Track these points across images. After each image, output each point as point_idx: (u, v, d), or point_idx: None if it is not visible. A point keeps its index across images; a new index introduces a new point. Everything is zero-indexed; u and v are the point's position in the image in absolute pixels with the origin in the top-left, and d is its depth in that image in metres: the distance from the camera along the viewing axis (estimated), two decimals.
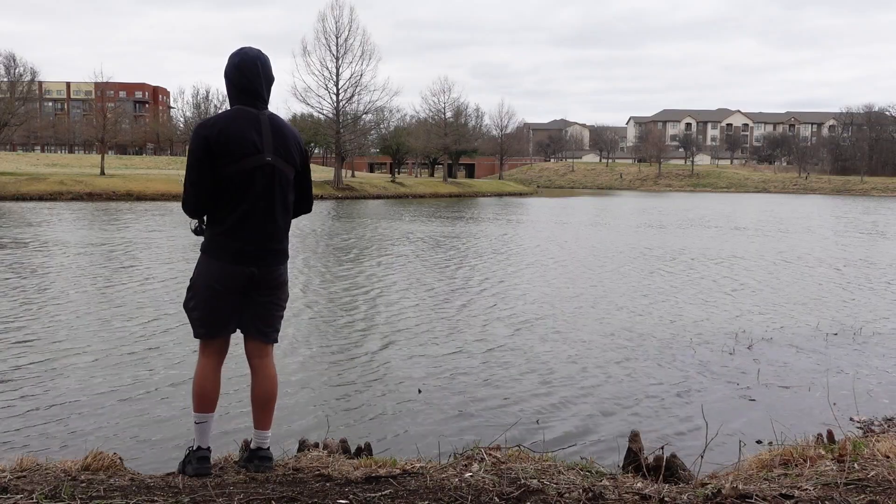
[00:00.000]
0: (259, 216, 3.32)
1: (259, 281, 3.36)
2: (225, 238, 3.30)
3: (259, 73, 3.35)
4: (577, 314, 11.53)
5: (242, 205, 3.28)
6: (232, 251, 3.30)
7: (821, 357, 9.00)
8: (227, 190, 3.27)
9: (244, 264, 3.31)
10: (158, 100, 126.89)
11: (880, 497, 2.90)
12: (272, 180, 3.33)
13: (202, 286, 3.35)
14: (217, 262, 3.32)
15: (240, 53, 3.38)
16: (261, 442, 3.51)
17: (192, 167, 3.28)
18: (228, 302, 3.35)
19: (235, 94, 3.38)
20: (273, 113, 3.43)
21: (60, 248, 18.98)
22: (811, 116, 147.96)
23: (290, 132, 3.45)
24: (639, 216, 39.16)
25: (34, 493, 2.92)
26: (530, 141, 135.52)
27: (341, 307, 11.89)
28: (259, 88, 3.36)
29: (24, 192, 42.77)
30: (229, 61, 3.37)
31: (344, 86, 57.97)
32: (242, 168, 3.26)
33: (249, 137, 3.28)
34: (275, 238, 3.38)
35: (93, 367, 7.95)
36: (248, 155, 3.27)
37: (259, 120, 3.34)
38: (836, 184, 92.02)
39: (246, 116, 3.32)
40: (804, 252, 21.54)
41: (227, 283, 3.31)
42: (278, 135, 3.38)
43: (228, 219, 3.29)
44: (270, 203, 3.34)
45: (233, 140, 3.25)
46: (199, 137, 3.26)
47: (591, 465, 3.57)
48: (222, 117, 3.32)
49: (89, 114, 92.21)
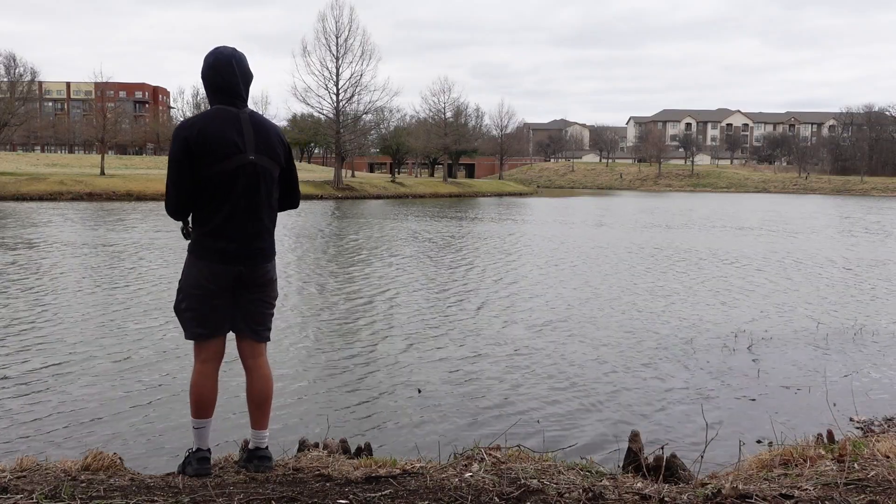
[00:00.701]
0: (243, 215, 3.31)
1: (247, 280, 3.36)
2: (210, 238, 3.30)
3: (235, 72, 3.33)
4: (577, 315, 11.52)
5: (226, 204, 3.28)
6: (218, 251, 3.29)
7: (821, 357, 9.00)
8: (210, 190, 3.26)
9: (231, 263, 3.30)
10: (158, 100, 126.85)
11: (880, 497, 2.90)
12: (255, 179, 3.33)
13: (191, 286, 3.34)
14: (203, 262, 3.31)
15: (214, 54, 3.35)
16: (259, 442, 3.51)
17: (172, 168, 3.27)
18: (219, 301, 3.34)
19: (213, 95, 3.36)
20: (253, 111, 3.41)
21: (65, 249, 18.98)
22: (811, 116, 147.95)
23: (271, 129, 3.44)
24: (644, 216, 39.14)
25: (34, 493, 2.92)
26: (530, 141, 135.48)
27: (341, 307, 11.88)
28: (237, 87, 3.34)
29: (24, 192, 42.76)
30: (204, 63, 3.35)
31: (344, 86, 58.03)
32: (225, 168, 3.25)
33: (230, 137, 3.27)
34: (260, 236, 3.38)
35: (93, 368, 7.95)
36: (230, 155, 3.26)
37: (239, 118, 3.32)
38: (836, 184, 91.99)
39: (225, 116, 3.31)
40: (808, 252, 21.53)
41: (216, 282, 3.31)
42: (260, 132, 3.36)
43: (213, 219, 3.29)
44: (254, 202, 3.34)
45: (213, 140, 3.24)
46: (178, 139, 3.25)
47: (591, 465, 3.57)
48: (201, 118, 3.31)
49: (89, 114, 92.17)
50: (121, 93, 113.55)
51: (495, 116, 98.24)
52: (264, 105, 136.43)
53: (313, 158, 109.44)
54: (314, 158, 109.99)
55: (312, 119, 72.54)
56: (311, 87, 59.08)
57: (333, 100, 58.30)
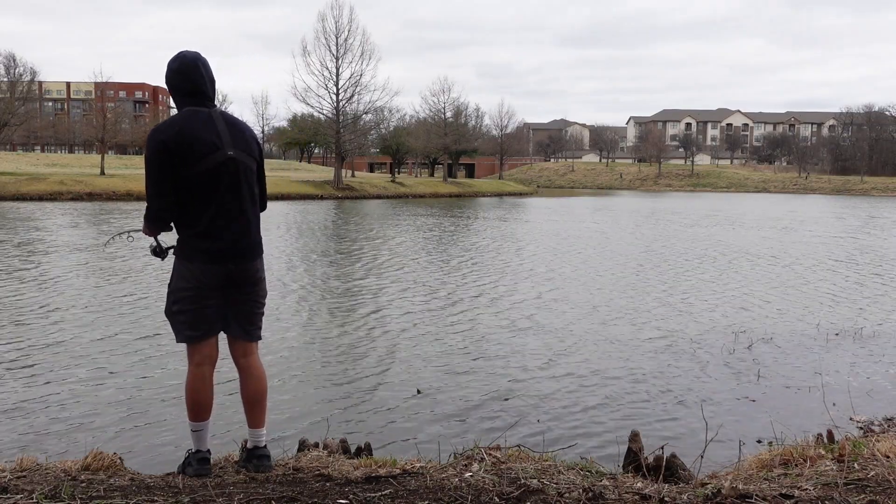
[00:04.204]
0: (229, 213, 3.32)
1: (236, 278, 3.36)
2: (198, 239, 3.29)
3: (202, 74, 3.37)
4: (576, 316, 11.52)
5: (211, 203, 3.28)
6: (206, 251, 3.29)
7: (821, 357, 8.99)
8: (193, 191, 3.26)
9: (219, 263, 3.30)
10: (158, 100, 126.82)
11: (880, 497, 2.90)
12: (237, 175, 3.34)
13: (181, 289, 3.33)
14: (192, 263, 3.31)
15: (178, 59, 3.38)
16: (257, 441, 3.51)
17: (152, 173, 3.25)
18: (210, 302, 3.34)
19: (182, 98, 3.38)
20: (223, 110, 3.44)
21: (66, 249, 18.97)
22: (811, 116, 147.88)
23: (245, 127, 3.48)
24: (642, 216, 39.14)
25: (34, 493, 2.92)
26: (530, 141, 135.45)
27: (341, 307, 11.88)
28: (204, 89, 3.37)
29: (24, 192, 42.75)
30: (169, 68, 3.38)
31: (344, 86, 58.01)
32: (205, 167, 3.26)
33: (207, 136, 3.28)
34: (247, 233, 3.38)
35: (94, 368, 7.95)
36: (209, 152, 3.27)
37: (212, 117, 3.35)
38: (836, 184, 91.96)
39: (198, 116, 3.32)
40: (811, 252, 21.53)
41: (206, 282, 3.30)
42: (234, 129, 3.39)
43: (200, 219, 3.29)
44: (238, 198, 3.35)
45: (191, 140, 3.24)
46: (155, 142, 3.24)
47: (591, 465, 3.57)
48: (176, 119, 3.32)
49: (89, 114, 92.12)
50: (121, 93, 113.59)
51: (495, 116, 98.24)
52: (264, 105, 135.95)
53: (313, 158, 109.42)
54: (314, 158, 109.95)
55: (312, 119, 72.51)
56: (310, 87, 59.13)
57: (333, 100, 58.33)
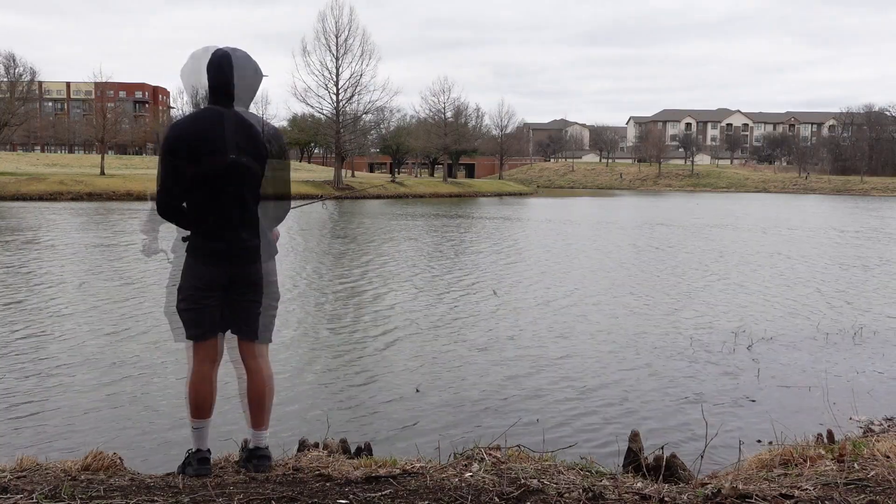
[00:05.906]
0: (231, 215, 3.31)
1: (239, 279, 3.36)
2: (202, 238, 3.31)
3: (225, 73, 3.29)
4: (577, 316, 11.52)
5: (215, 204, 3.29)
6: (208, 251, 3.30)
7: (820, 357, 8.99)
8: (198, 191, 3.27)
9: (223, 263, 3.31)
10: (158, 100, 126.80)
11: (880, 497, 2.90)
12: (240, 179, 3.31)
13: (187, 287, 3.35)
14: (198, 262, 3.32)
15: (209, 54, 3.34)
16: (258, 441, 3.51)
17: (160, 168, 3.29)
18: (213, 301, 3.35)
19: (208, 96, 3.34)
20: (244, 111, 3.37)
21: (66, 248, 18.97)
22: (811, 116, 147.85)
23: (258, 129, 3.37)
24: (640, 218, 39.12)
25: (34, 493, 2.92)
26: (530, 141, 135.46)
27: (341, 307, 11.88)
28: (224, 88, 3.30)
29: (24, 192, 42.77)
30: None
31: (344, 86, 58.06)
32: (208, 168, 3.25)
33: (212, 137, 3.25)
34: (247, 237, 3.37)
35: (94, 367, 7.95)
36: (211, 155, 3.25)
37: (223, 118, 3.30)
38: (836, 184, 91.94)
39: (210, 116, 3.29)
40: (811, 252, 21.53)
41: (209, 282, 3.32)
42: (243, 132, 3.32)
43: (204, 219, 3.30)
44: (240, 201, 3.33)
45: (196, 140, 3.24)
46: (165, 137, 3.28)
47: (591, 465, 3.57)
48: (189, 117, 3.32)
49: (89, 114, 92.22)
50: (121, 93, 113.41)
51: (495, 116, 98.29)
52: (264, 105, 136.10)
53: (313, 158, 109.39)
54: (314, 158, 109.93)
55: (312, 119, 72.52)
56: (310, 87, 59.14)
57: (333, 100, 58.38)
